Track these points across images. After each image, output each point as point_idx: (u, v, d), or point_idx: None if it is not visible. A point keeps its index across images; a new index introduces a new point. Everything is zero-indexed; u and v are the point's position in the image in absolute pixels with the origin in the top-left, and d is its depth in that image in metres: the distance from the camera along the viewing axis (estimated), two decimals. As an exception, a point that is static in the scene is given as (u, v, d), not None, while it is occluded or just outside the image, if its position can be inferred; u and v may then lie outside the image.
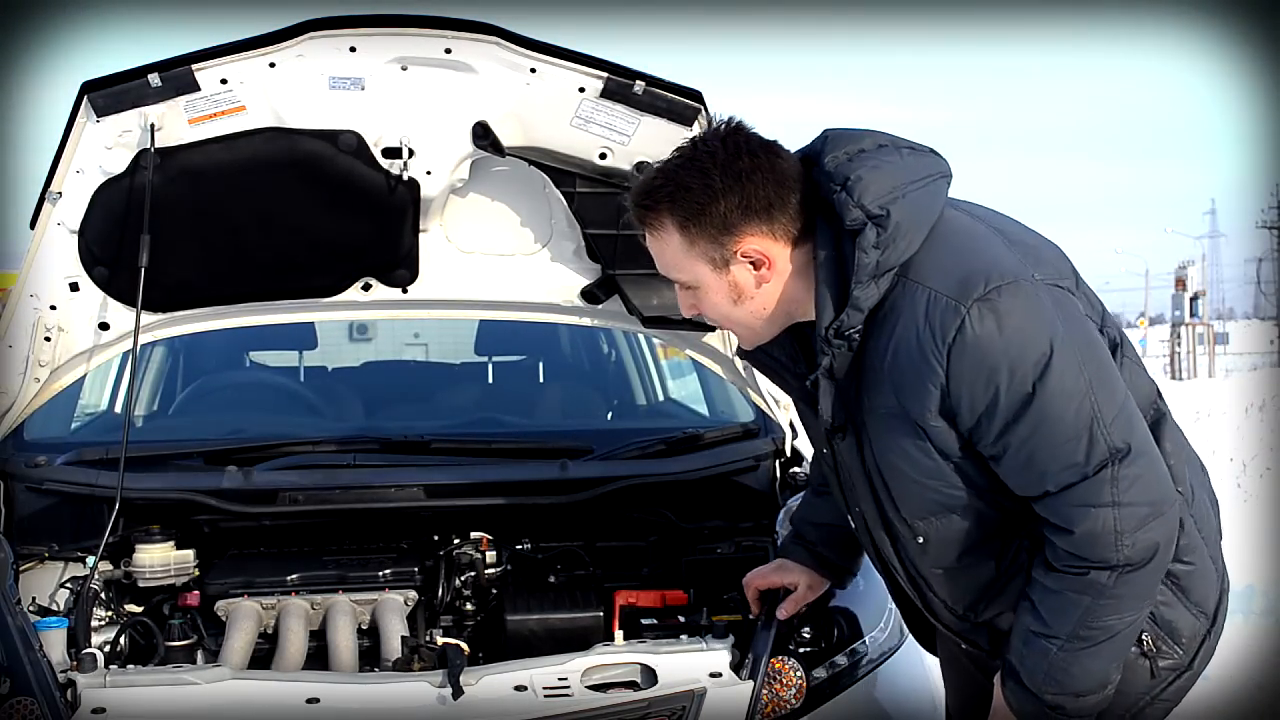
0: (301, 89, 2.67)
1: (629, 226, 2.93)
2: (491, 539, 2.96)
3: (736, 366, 3.17)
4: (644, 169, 2.82)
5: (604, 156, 2.81)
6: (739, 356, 2.40)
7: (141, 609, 2.74)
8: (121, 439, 2.80)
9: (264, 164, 2.73)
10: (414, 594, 2.80)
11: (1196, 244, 53.14)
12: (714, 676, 2.39)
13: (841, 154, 1.96)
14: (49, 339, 2.88)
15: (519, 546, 2.97)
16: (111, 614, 2.72)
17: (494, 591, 2.89)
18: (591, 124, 2.76)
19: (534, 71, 2.69)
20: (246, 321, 3.11)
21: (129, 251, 2.73)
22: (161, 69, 2.61)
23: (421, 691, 2.32)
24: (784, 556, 2.52)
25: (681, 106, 2.74)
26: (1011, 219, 2.12)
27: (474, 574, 2.89)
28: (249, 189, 2.77)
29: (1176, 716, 2.11)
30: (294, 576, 2.78)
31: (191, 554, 2.80)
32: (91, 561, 2.66)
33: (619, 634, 2.60)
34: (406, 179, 2.79)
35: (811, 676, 2.45)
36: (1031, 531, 1.99)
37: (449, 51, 2.66)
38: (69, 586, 2.74)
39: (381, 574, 2.80)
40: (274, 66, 2.63)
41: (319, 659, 2.66)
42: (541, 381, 4.48)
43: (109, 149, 2.68)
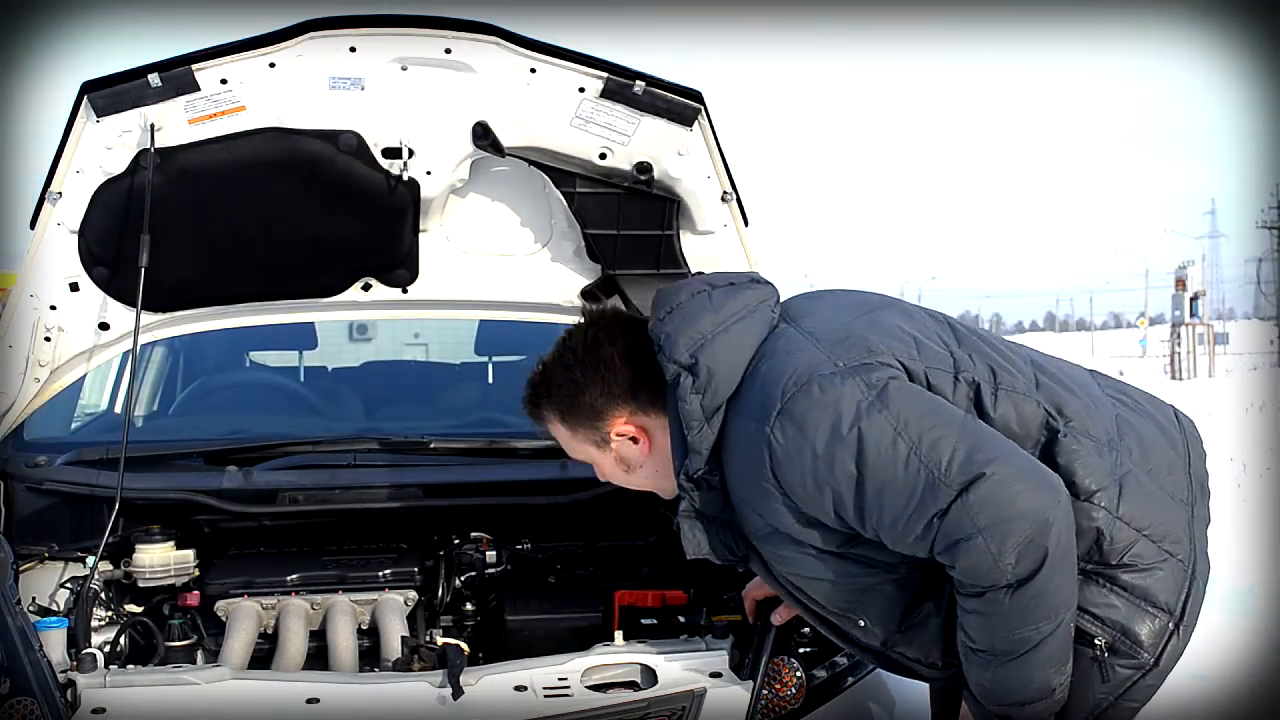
0: (301, 89, 2.67)
1: (629, 226, 2.94)
2: (491, 539, 2.95)
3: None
4: (644, 169, 2.82)
5: (604, 156, 2.81)
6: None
7: (141, 609, 2.74)
8: (121, 439, 2.80)
9: (264, 164, 2.74)
10: (414, 594, 2.80)
11: (1196, 244, 53.29)
12: (714, 676, 2.38)
13: (662, 313, 2.10)
14: (49, 339, 2.89)
15: (519, 546, 2.97)
16: (111, 614, 2.72)
17: (494, 592, 2.89)
18: (591, 124, 2.77)
19: (534, 71, 2.69)
20: (246, 321, 3.11)
21: (129, 251, 2.73)
22: (161, 69, 2.62)
23: (421, 692, 2.31)
24: None
25: (681, 106, 2.75)
26: (864, 293, 2.21)
27: (474, 574, 2.89)
28: (249, 189, 2.77)
29: (1176, 716, 2.10)
30: (294, 576, 2.78)
31: (191, 554, 2.80)
32: (91, 561, 2.65)
33: (619, 634, 2.59)
34: (406, 179, 2.80)
35: (811, 676, 2.45)
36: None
37: (449, 51, 2.66)
38: (69, 586, 2.74)
39: (381, 574, 2.80)
40: (274, 66, 2.63)
41: (319, 659, 2.66)
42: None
43: (109, 149, 2.68)
